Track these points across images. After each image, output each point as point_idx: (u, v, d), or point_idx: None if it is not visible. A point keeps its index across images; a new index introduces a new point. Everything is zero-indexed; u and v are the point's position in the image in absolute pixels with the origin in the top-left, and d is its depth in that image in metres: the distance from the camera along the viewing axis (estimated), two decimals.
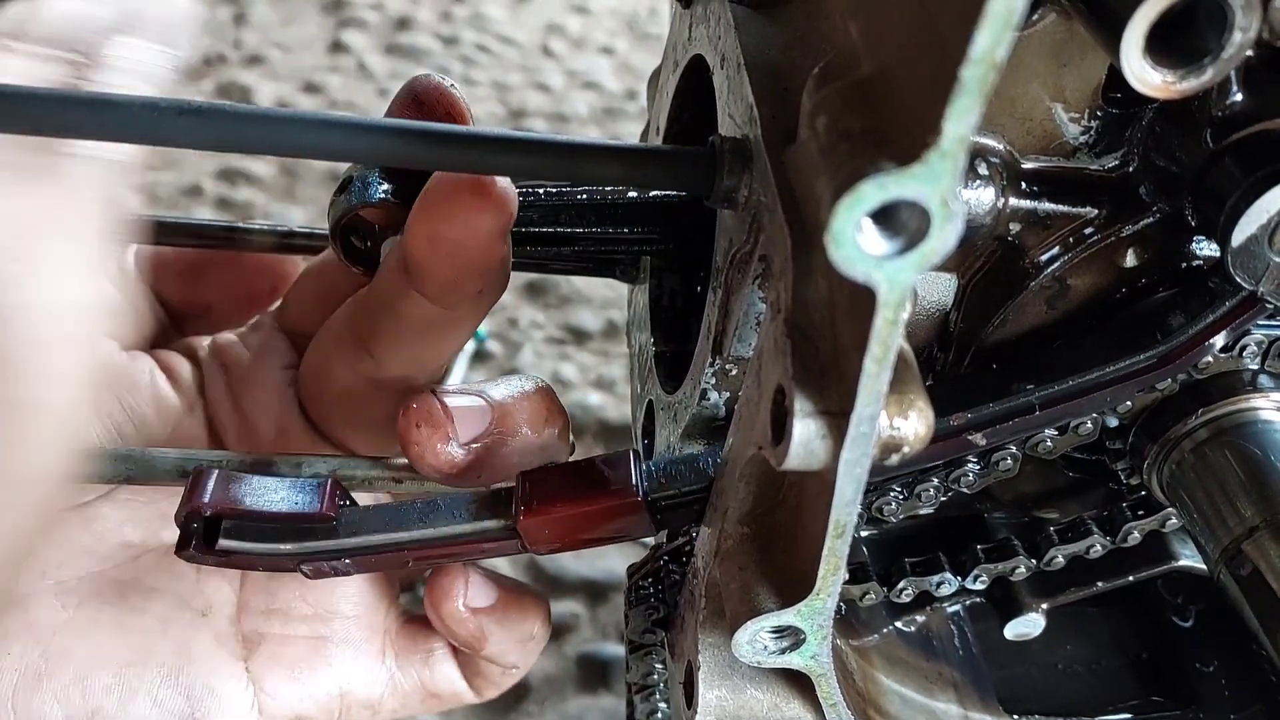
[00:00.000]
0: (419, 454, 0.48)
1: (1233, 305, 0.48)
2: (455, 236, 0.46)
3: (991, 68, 0.25)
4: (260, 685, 0.53)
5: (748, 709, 0.46)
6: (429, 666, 0.56)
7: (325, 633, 0.54)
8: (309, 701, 0.54)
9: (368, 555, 0.46)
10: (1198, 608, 0.69)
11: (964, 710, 0.61)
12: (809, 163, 0.33)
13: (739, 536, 0.43)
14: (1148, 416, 0.54)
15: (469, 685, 0.57)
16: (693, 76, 0.56)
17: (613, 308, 1.40)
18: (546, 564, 1.13)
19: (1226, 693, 0.66)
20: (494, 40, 1.87)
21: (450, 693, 0.57)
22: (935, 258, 0.28)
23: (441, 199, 0.46)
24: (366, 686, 0.55)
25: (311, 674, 0.54)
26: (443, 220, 0.46)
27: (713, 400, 0.50)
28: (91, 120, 0.38)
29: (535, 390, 0.51)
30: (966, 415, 0.49)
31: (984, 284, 0.50)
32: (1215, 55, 0.36)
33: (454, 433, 0.48)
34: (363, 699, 0.55)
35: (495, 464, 0.49)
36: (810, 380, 0.33)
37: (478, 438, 0.48)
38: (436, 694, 0.57)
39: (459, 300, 0.49)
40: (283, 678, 0.54)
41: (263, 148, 0.41)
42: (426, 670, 0.56)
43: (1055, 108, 0.46)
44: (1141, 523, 0.59)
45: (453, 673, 0.57)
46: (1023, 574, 0.61)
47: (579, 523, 0.45)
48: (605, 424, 1.28)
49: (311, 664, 0.54)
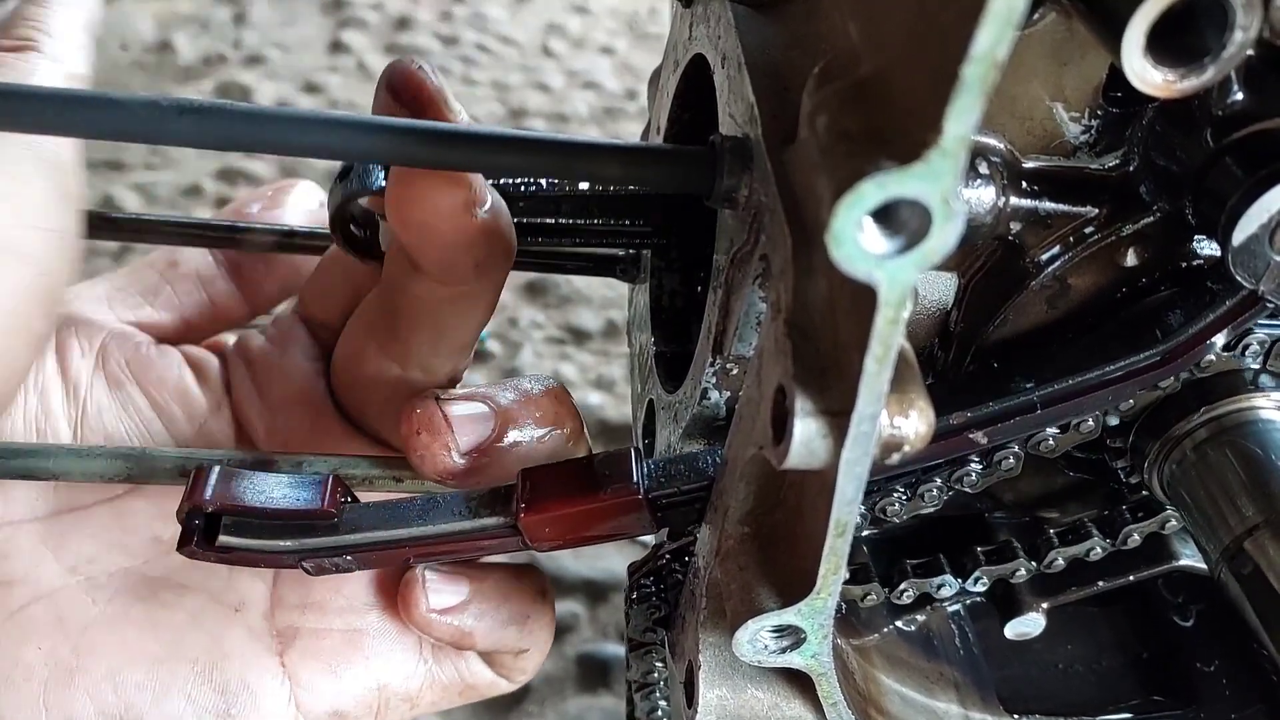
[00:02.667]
0: (420, 460, 0.48)
1: (1233, 304, 0.48)
2: (421, 218, 0.46)
3: (992, 66, 0.25)
4: (297, 680, 0.52)
5: (748, 708, 0.46)
6: (464, 657, 0.55)
7: (361, 626, 0.54)
8: (346, 696, 0.53)
9: (369, 552, 0.46)
10: (1198, 607, 0.69)
11: (964, 710, 0.61)
12: (809, 162, 0.33)
13: (740, 536, 0.43)
14: (1148, 415, 0.54)
15: (497, 674, 0.57)
16: (693, 76, 0.56)
17: (613, 308, 1.40)
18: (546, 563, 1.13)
19: (1227, 692, 0.66)
20: (494, 40, 1.87)
21: (486, 683, 0.56)
22: (936, 257, 0.28)
23: (400, 183, 0.46)
24: (404, 679, 0.54)
25: (349, 668, 0.53)
26: (406, 204, 0.46)
27: (713, 400, 0.50)
28: (92, 119, 0.38)
29: (544, 393, 0.51)
30: (967, 414, 0.49)
31: (984, 283, 0.50)
32: (1216, 54, 0.36)
33: (454, 443, 0.47)
34: (401, 692, 0.54)
35: (500, 467, 0.49)
36: (811, 379, 0.33)
37: (479, 446, 0.48)
38: (473, 685, 0.56)
39: (460, 277, 0.49)
40: (319, 672, 0.53)
41: (263, 147, 0.41)
42: (463, 661, 0.55)
43: (1056, 107, 0.46)
44: (1141, 525, 0.59)
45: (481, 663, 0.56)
46: (1023, 576, 0.61)
47: (580, 520, 0.45)
48: (605, 424, 1.28)
49: (349, 658, 0.53)
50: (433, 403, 0.48)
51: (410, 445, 0.48)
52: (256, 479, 0.46)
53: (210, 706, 0.50)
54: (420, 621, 0.52)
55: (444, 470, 0.48)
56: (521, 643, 0.55)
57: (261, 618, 0.53)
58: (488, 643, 0.53)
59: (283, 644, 0.53)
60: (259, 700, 0.51)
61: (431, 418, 0.48)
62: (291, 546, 0.46)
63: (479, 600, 0.52)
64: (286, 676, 0.52)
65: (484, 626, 0.52)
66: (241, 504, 0.45)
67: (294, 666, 0.53)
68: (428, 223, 0.46)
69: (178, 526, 0.53)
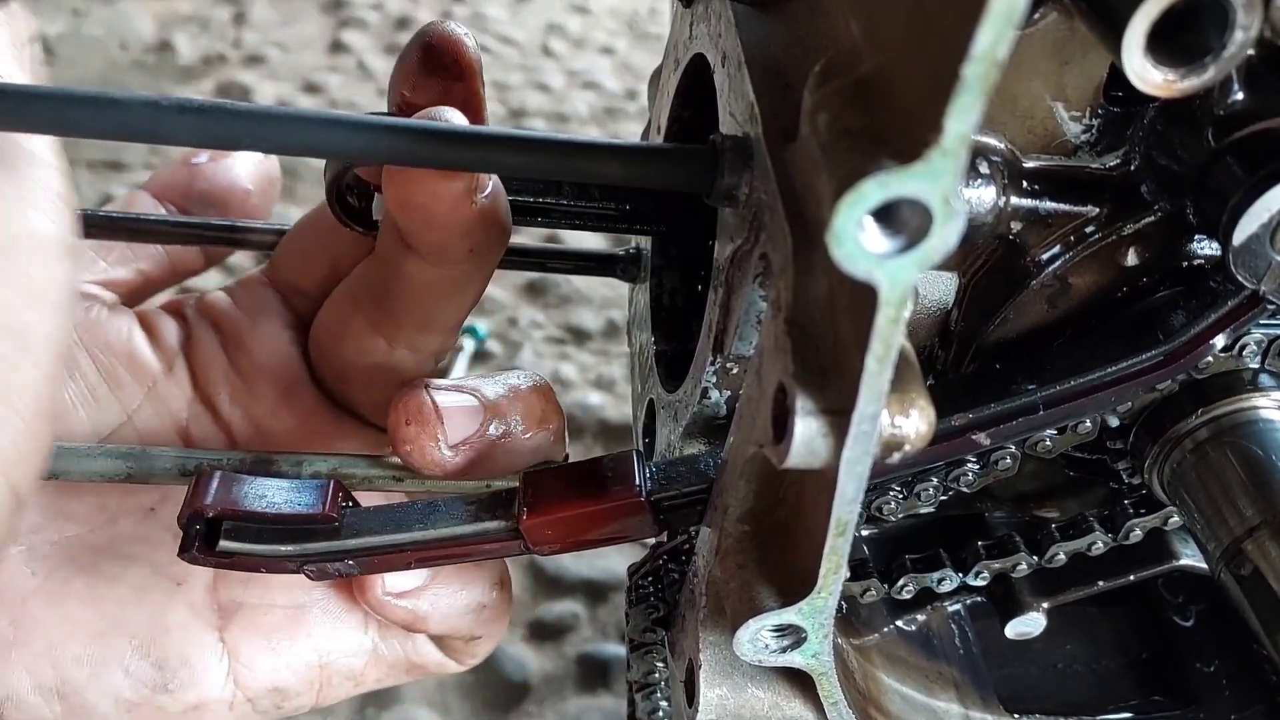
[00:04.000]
0: (407, 452, 0.47)
1: (1235, 304, 0.48)
2: (420, 201, 0.46)
3: (993, 65, 0.25)
4: (236, 656, 0.52)
5: (749, 708, 0.46)
6: (412, 638, 0.55)
7: (305, 602, 0.53)
8: (286, 672, 0.52)
9: (370, 556, 0.46)
10: (1198, 607, 0.69)
11: (965, 709, 0.61)
12: (810, 161, 0.33)
13: (740, 535, 0.43)
14: (1148, 415, 0.54)
15: (446, 655, 0.56)
16: (694, 75, 0.56)
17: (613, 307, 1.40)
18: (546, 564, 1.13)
19: (1227, 692, 0.66)
20: (494, 40, 1.87)
21: (434, 662, 0.56)
22: (936, 256, 0.28)
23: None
24: (348, 657, 0.54)
25: (290, 644, 0.52)
26: (406, 186, 0.45)
27: (714, 399, 0.50)
28: (92, 119, 0.38)
29: (531, 388, 0.51)
30: (968, 415, 0.49)
31: (985, 282, 0.50)
32: (1217, 54, 0.36)
33: (443, 434, 0.47)
34: (344, 669, 0.54)
35: (488, 462, 0.48)
36: (811, 378, 0.33)
37: (468, 439, 0.48)
38: (420, 665, 0.56)
39: (454, 260, 0.48)
40: (259, 648, 0.52)
41: (263, 146, 0.41)
42: (410, 641, 0.55)
43: (1056, 106, 0.46)
44: (1144, 520, 0.59)
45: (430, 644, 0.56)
46: (1024, 570, 0.61)
47: (582, 523, 0.45)
48: (605, 424, 1.28)
49: (290, 633, 0.53)
50: (423, 391, 0.48)
51: (398, 436, 0.47)
52: (257, 484, 0.46)
53: (147, 680, 0.50)
54: (375, 603, 0.51)
55: (432, 462, 0.47)
56: (475, 630, 0.54)
57: (205, 591, 0.52)
58: (441, 628, 0.52)
59: (224, 619, 0.52)
60: (197, 675, 0.51)
61: (421, 407, 0.47)
62: (293, 551, 0.46)
63: (437, 585, 0.51)
64: (226, 652, 0.52)
65: (439, 612, 0.51)
66: (242, 509, 0.45)
67: (234, 642, 0.52)
68: (426, 206, 0.46)
69: (123, 491, 0.52)
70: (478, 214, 0.46)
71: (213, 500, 0.45)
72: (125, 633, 0.50)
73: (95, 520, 0.52)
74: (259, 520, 0.45)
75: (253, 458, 0.50)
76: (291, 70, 1.80)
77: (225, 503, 0.45)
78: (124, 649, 0.50)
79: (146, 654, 0.50)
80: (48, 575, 0.50)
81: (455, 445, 0.48)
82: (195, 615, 0.52)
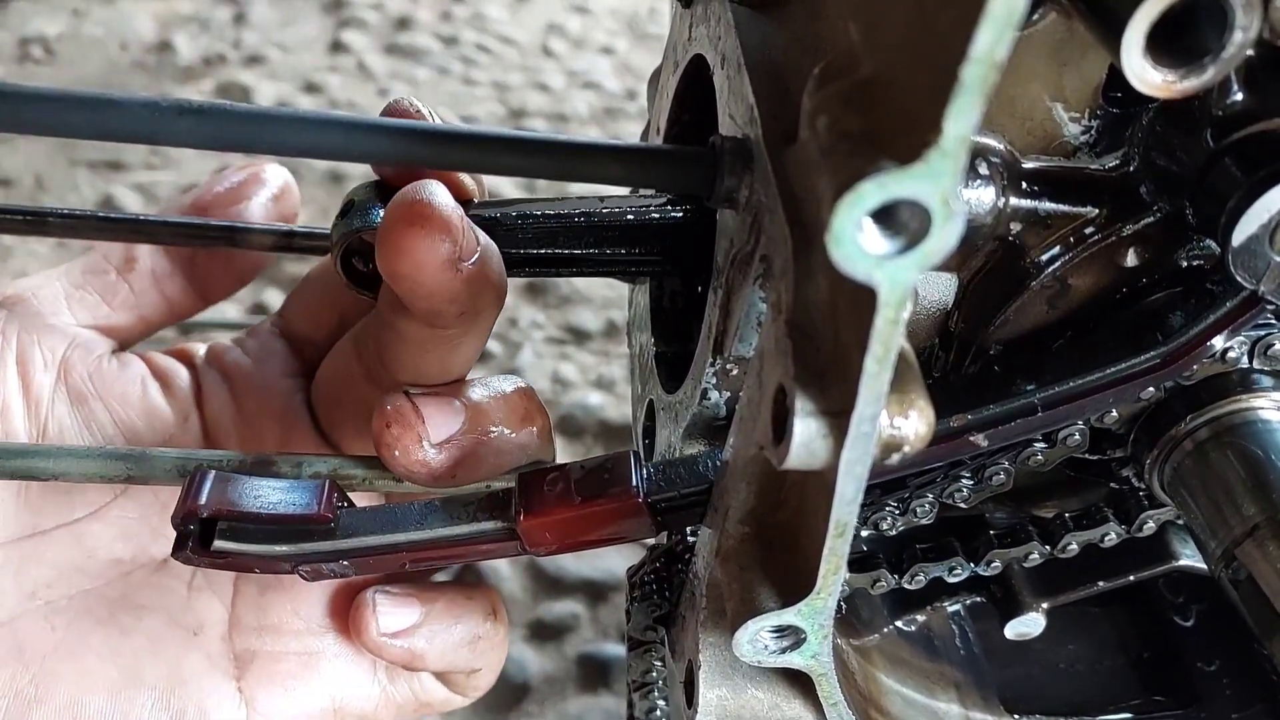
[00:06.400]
0: (390, 454, 0.47)
1: (1234, 305, 0.48)
2: (405, 272, 0.46)
3: (992, 67, 0.25)
4: (253, 705, 0.53)
5: (748, 708, 0.46)
6: (418, 677, 0.56)
7: (318, 648, 0.54)
8: (303, 718, 0.54)
9: (365, 557, 0.46)
10: (1199, 607, 0.69)
11: (965, 710, 0.61)
12: (810, 162, 0.33)
13: (740, 536, 0.43)
14: (1147, 416, 0.54)
15: (451, 691, 0.57)
16: (693, 77, 0.56)
17: (613, 308, 1.40)
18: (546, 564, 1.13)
19: (1228, 692, 0.66)
20: (494, 40, 1.87)
21: (440, 699, 0.57)
22: (936, 257, 0.28)
23: (386, 234, 0.46)
24: (360, 700, 0.55)
25: (305, 690, 0.54)
26: (393, 257, 0.45)
27: (714, 400, 0.50)
28: (92, 119, 0.38)
29: (513, 391, 0.51)
30: (967, 416, 0.49)
31: (985, 284, 0.50)
32: (1216, 55, 0.36)
33: (425, 433, 0.47)
34: (356, 712, 0.55)
35: (472, 464, 0.48)
36: (811, 380, 0.33)
37: (451, 438, 0.48)
38: (428, 703, 0.57)
39: (445, 324, 0.49)
40: (276, 695, 0.53)
41: (263, 147, 0.41)
42: (417, 681, 0.56)
43: (1055, 107, 0.46)
44: (1157, 512, 0.58)
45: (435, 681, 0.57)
46: (1036, 560, 0.60)
47: (580, 525, 0.45)
48: (605, 424, 1.28)
49: (304, 680, 0.54)
50: (402, 396, 0.48)
51: (382, 440, 0.47)
52: (252, 483, 0.46)
53: None
54: (372, 645, 0.52)
55: (417, 462, 0.47)
56: (474, 662, 0.55)
57: (219, 640, 0.54)
58: (440, 664, 0.54)
59: (240, 668, 0.54)
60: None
61: (401, 410, 0.47)
62: (287, 551, 0.45)
63: (430, 622, 0.53)
64: (244, 701, 0.53)
65: (435, 649, 0.53)
66: (237, 509, 0.45)
67: (251, 690, 0.53)
68: (412, 276, 0.46)
69: (136, 547, 0.53)
70: (464, 280, 0.46)
71: (207, 500, 0.45)
72: (144, 685, 0.51)
73: (109, 574, 0.53)
74: (254, 520, 0.45)
75: (253, 458, 0.50)
76: (291, 70, 1.80)
77: (220, 502, 0.45)
78: (144, 701, 0.51)
79: (166, 705, 0.51)
80: (67, 629, 0.51)
81: (439, 444, 0.47)
82: (212, 665, 0.53)
